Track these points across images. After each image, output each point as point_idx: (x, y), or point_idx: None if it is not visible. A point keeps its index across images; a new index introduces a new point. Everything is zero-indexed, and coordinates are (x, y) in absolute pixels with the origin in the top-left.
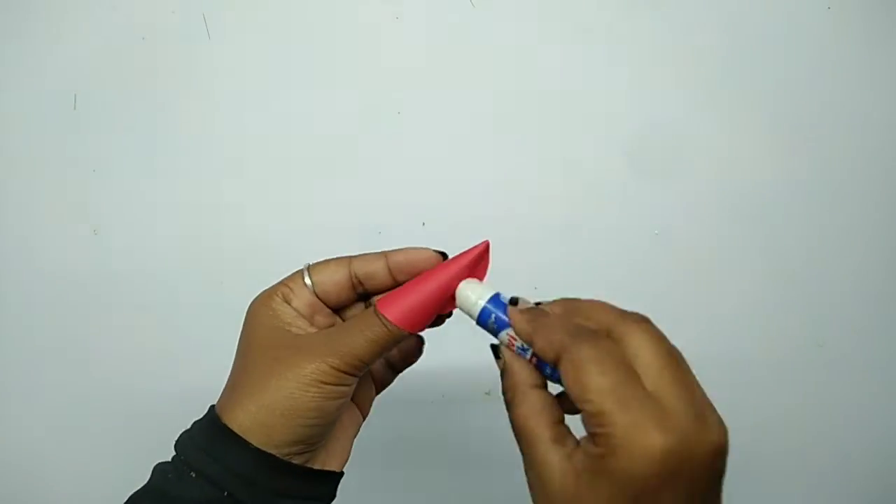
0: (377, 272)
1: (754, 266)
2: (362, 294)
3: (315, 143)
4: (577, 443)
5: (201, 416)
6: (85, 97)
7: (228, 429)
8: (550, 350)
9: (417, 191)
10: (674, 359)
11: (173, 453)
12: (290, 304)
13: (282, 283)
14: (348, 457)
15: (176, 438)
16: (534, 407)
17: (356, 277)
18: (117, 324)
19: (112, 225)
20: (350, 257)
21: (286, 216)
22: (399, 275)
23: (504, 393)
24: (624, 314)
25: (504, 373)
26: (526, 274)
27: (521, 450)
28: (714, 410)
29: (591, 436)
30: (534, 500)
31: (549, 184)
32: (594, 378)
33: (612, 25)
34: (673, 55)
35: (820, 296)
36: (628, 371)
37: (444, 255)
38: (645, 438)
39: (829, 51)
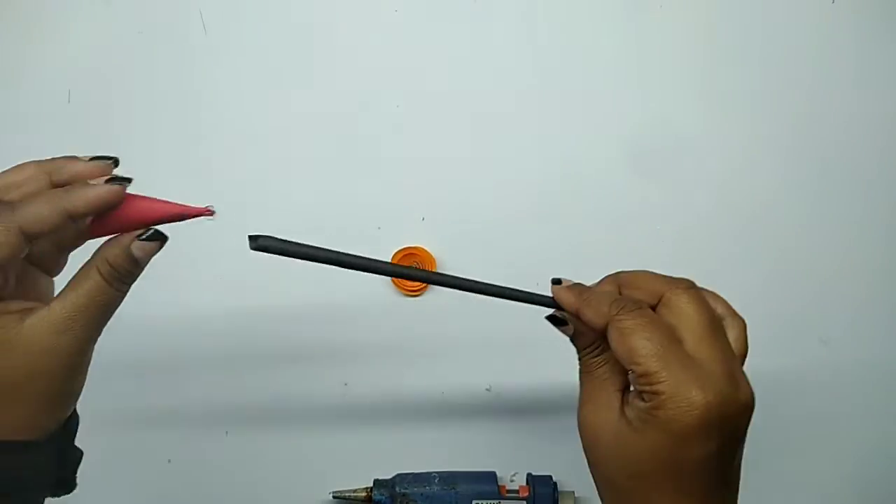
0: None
1: (757, 263)
2: None
3: (313, 138)
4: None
5: None
6: (79, 92)
7: None
8: (598, 319)
9: (416, 185)
10: (713, 325)
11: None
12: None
13: None
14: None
15: None
16: (609, 363)
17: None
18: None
19: None
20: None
21: (284, 212)
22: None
23: (580, 350)
24: (671, 281)
25: (576, 336)
26: (526, 270)
27: (588, 397)
28: (744, 374)
29: (640, 392)
30: (586, 442)
31: (549, 180)
32: (640, 343)
33: (614, 23)
34: (674, 53)
35: (823, 292)
36: (670, 336)
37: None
38: (688, 395)
39: (833, 47)
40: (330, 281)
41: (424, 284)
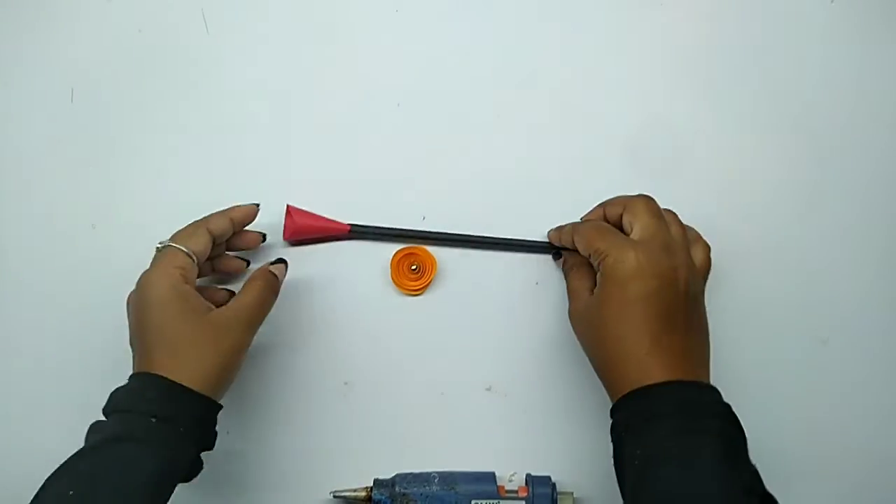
0: (227, 229)
1: (757, 262)
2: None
3: (313, 137)
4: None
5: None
6: (82, 91)
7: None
8: (566, 237)
9: (417, 184)
10: (656, 214)
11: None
12: (189, 285)
13: (172, 265)
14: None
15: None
16: (582, 270)
17: (213, 235)
18: (115, 320)
19: (110, 220)
20: (202, 222)
21: (283, 210)
22: (239, 225)
23: (564, 269)
24: (632, 196)
25: (564, 260)
26: (526, 269)
27: (570, 297)
28: (685, 252)
29: (599, 269)
30: (575, 327)
31: (549, 180)
32: (591, 235)
33: (614, 22)
34: (674, 52)
35: (823, 292)
36: (613, 230)
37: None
38: (624, 255)
39: (832, 46)
40: (330, 280)
41: (425, 284)
